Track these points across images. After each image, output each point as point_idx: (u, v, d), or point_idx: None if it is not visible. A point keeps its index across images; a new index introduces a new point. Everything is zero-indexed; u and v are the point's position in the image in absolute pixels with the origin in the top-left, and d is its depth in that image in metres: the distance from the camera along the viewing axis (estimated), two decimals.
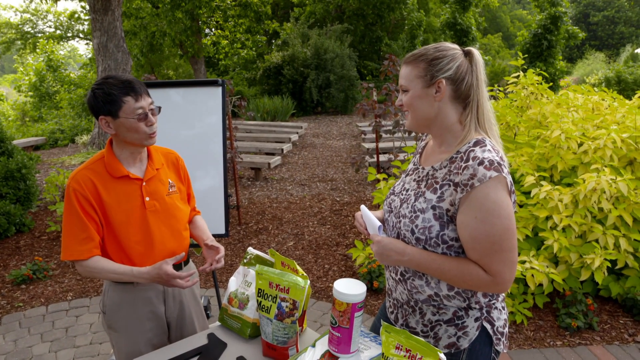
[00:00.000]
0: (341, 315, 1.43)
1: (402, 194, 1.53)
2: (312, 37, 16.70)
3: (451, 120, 1.42)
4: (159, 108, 1.75)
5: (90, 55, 23.51)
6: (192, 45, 14.75)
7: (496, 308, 1.45)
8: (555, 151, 3.64)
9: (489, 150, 1.33)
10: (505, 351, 1.44)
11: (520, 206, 3.66)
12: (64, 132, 12.40)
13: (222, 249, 1.88)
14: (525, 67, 13.27)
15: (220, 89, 2.95)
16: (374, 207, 5.96)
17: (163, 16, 13.32)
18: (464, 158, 1.34)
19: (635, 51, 20.00)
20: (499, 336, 1.45)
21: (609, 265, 3.30)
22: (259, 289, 1.67)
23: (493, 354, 1.44)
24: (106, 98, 1.64)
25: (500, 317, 1.46)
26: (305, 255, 4.63)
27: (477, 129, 1.40)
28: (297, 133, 11.15)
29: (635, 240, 3.38)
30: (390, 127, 5.40)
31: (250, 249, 1.99)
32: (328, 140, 11.45)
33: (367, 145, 8.93)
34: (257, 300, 1.66)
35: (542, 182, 3.45)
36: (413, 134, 5.91)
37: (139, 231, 1.75)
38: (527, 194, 3.74)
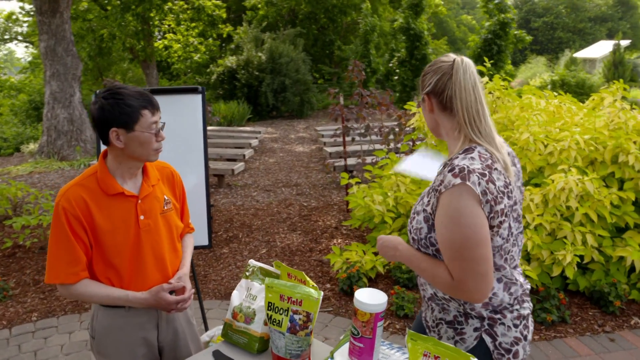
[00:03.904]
0: (364, 325, 1.43)
1: (420, 197, 1.59)
2: (266, 41, 16.62)
3: (448, 130, 1.48)
4: (164, 124, 1.67)
5: (30, 59, 22.39)
6: (143, 49, 14.33)
7: (503, 324, 1.43)
8: (524, 153, 3.79)
9: (470, 157, 1.36)
10: None
11: None
12: (7, 140, 11.74)
13: (188, 288, 1.74)
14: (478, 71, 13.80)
15: (200, 96, 2.88)
16: (348, 212, 5.99)
17: (112, 19, 12.88)
18: (448, 165, 1.40)
19: (574, 55, 21.20)
20: (502, 352, 1.42)
21: (579, 260, 3.46)
22: (269, 302, 1.63)
23: None
24: (125, 109, 1.54)
25: (508, 334, 1.43)
26: (281, 262, 4.58)
27: (471, 136, 1.41)
28: (257, 138, 11.06)
29: (599, 235, 3.57)
30: (359, 131, 5.44)
31: (252, 262, 1.94)
32: (287, 145, 11.42)
33: (329, 149, 8.97)
34: (268, 314, 1.63)
35: None
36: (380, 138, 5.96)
37: (131, 252, 1.66)
38: None
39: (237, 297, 1.86)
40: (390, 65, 16.65)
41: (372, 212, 4.13)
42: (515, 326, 1.44)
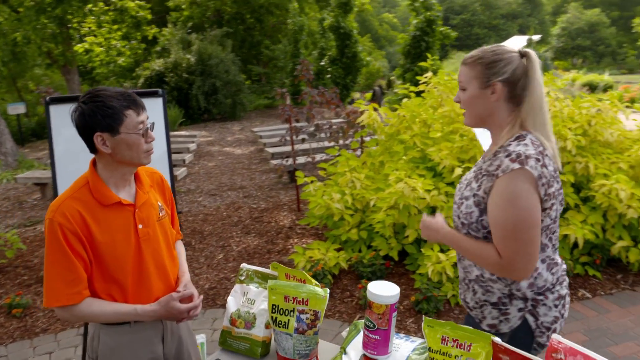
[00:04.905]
0: (380, 317, 1.45)
1: (462, 184, 1.64)
2: (194, 43, 16.22)
3: (503, 119, 1.52)
4: (153, 124, 1.60)
5: None
6: (62, 54, 13.49)
7: (545, 305, 1.51)
8: (473, 143, 3.98)
9: (524, 144, 1.43)
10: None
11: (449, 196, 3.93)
12: None
13: (196, 295, 1.69)
14: (407, 67, 14.31)
15: (160, 99, 2.78)
16: (300, 211, 5.98)
17: (26, 21, 11.99)
18: (501, 151, 1.46)
19: None
20: (543, 330, 1.52)
21: None
22: (273, 304, 1.61)
23: (535, 345, 1.53)
24: (106, 112, 1.45)
25: (549, 314, 1.52)
26: (239, 266, 4.51)
27: (524, 125, 1.49)
28: (194, 142, 10.78)
29: None
30: (309, 130, 5.46)
31: (245, 265, 1.91)
32: (225, 148, 11.22)
33: (271, 150, 8.92)
34: (272, 317, 1.60)
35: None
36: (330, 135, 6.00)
37: (132, 263, 1.57)
38: (451, 184, 4.03)
39: (233, 303, 1.82)
40: (322, 64, 16.80)
41: (332, 210, 4.16)
42: (556, 306, 1.53)
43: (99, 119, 1.47)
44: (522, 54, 1.50)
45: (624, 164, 3.98)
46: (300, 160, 6.91)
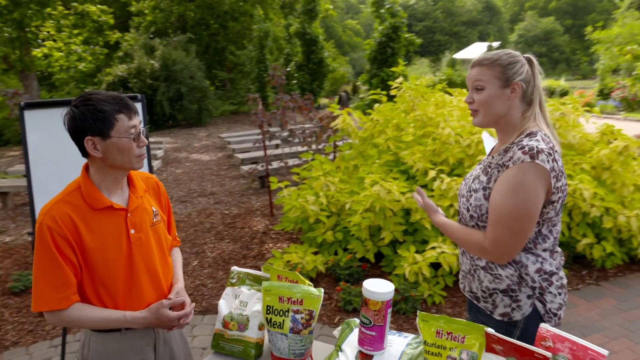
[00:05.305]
0: (376, 314, 1.49)
1: (468, 179, 1.72)
2: (157, 48, 15.98)
3: (516, 117, 1.60)
4: (146, 129, 1.59)
5: None
6: (20, 59, 13.04)
7: (550, 292, 1.59)
8: (445, 146, 4.09)
9: (536, 139, 1.51)
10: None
11: None
12: None
13: (187, 302, 1.68)
14: (374, 72, 14.50)
15: (139, 104, 2.75)
16: (273, 216, 5.98)
17: None
18: (513, 146, 1.54)
19: (453, 56, 23.03)
20: (551, 315, 1.60)
21: None
22: (268, 305, 1.63)
23: None
24: (97, 115, 1.43)
25: (555, 301, 1.60)
26: (215, 272, 4.48)
27: (534, 124, 1.58)
28: (161, 148, 10.62)
29: None
30: (283, 136, 5.48)
31: (235, 268, 1.91)
32: (192, 154, 11.09)
33: (240, 156, 8.88)
34: (267, 318, 1.62)
35: (442, 175, 3.85)
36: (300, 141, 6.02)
37: (124, 269, 1.55)
38: (424, 187, 4.12)
39: (225, 306, 1.82)
40: (288, 69, 16.84)
41: (307, 212, 4.19)
42: (559, 294, 1.62)
43: (89, 123, 1.45)
44: (528, 60, 1.61)
45: (587, 164, 4.18)
46: (274, 165, 6.92)
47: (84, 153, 1.52)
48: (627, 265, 4.27)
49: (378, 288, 1.49)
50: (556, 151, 1.53)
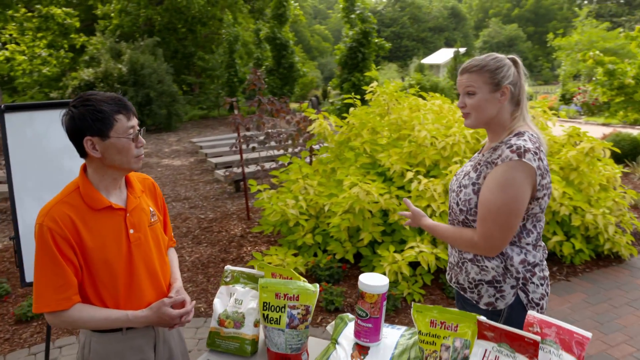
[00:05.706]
0: (372, 306, 1.54)
1: (458, 175, 1.80)
2: (124, 52, 15.73)
3: (505, 117, 1.69)
4: (144, 129, 1.61)
5: None
6: None
7: (533, 283, 1.68)
8: (421, 149, 4.20)
9: (523, 139, 1.60)
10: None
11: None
12: None
13: (188, 300, 1.69)
14: (345, 77, 14.64)
15: None
16: (250, 219, 5.98)
17: None
18: (502, 145, 1.63)
19: (421, 62, 23.48)
20: (533, 305, 1.68)
21: None
22: (264, 302, 1.66)
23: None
24: (96, 116, 1.44)
25: (537, 291, 1.68)
26: (195, 276, 4.46)
27: (522, 124, 1.67)
28: None
29: None
30: (260, 139, 5.50)
31: (229, 267, 1.94)
32: (163, 159, 10.95)
33: (214, 160, 8.84)
34: (264, 314, 1.66)
35: (419, 177, 3.95)
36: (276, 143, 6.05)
37: (124, 268, 1.56)
38: (401, 188, 4.22)
39: (219, 304, 1.85)
40: (259, 73, 16.80)
41: (287, 216, 4.23)
42: (541, 285, 1.70)
43: (89, 123, 1.46)
44: (513, 61, 1.70)
45: (555, 165, 4.36)
46: (250, 169, 6.92)
47: (83, 153, 1.53)
48: (594, 262, 4.47)
49: (374, 281, 1.55)
50: (542, 151, 1.63)
